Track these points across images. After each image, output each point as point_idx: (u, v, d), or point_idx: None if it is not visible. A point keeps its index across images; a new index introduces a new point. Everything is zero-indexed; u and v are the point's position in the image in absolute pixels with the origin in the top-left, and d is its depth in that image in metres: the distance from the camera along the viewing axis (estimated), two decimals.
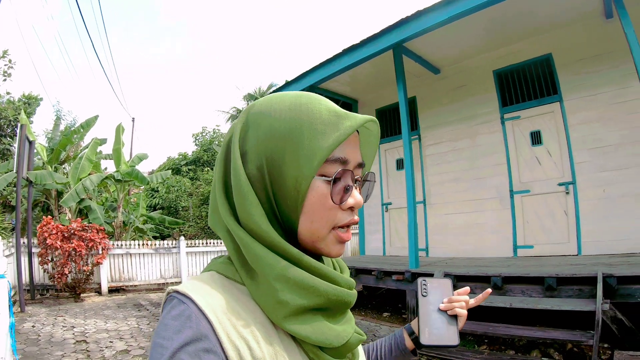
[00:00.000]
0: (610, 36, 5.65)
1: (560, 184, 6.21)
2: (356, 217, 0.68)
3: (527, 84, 6.65)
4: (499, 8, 5.36)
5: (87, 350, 5.53)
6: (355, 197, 0.65)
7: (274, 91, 8.49)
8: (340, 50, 6.73)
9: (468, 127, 7.37)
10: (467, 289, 0.98)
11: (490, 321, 5.13)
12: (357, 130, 0.69)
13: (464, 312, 0.92)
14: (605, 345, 4.50)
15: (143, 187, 14.51)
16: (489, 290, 1.06)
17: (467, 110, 7.35)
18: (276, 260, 0.59)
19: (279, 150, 0.61)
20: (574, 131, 6.11)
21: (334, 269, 0.72)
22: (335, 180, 0.62)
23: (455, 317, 0.92)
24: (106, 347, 5.68)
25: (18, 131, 8.06)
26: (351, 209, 0.66)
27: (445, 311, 0.92)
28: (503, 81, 6.95)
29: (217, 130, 25.09)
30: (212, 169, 20.65)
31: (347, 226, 0.66)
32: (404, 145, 6.35)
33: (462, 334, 4.99)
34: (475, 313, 4.48)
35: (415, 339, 0.95)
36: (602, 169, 5.85)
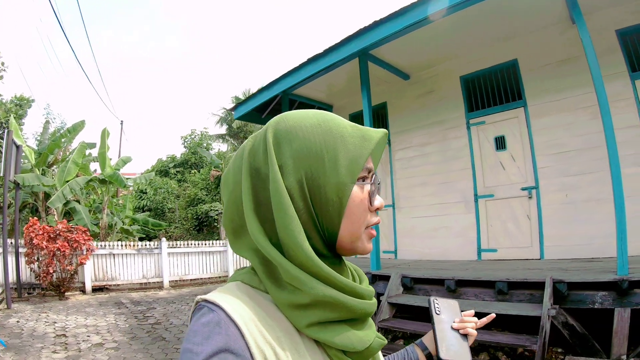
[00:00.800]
0: (575, 42, 5.60)
1: (523, 189, 6.27)
2: (379, 217, 0.75)
3: (492, 90, 6.73)
4: (460, 15, 5.38)
5: (66, 343, 5.91)
6: (379, 199, 0.73)
7: (249, 97, 8.58)
8: (305, 60, 6.82)
9: (435, 132, 7.46)
10: (472, 311, 1.06)
11: None
12: None
13: (475, 333, 1.00)
14: (559, 350, 4.56)
15: (131, 188, 14.75)
16: (493, 315, 1.16)
17: (435, 115, 7.43)
18: (310, 282, 0.62)
19: (318, 163, 0.65)
20: (538, 136, 6.17)
21: (353, 277, 0.76)
22: (370, 185, 0.71)
23: (466, 335, 0.99)
24: (83, 341, 6.07)
25: (5, 137, 8.26)
26: (375, 209, 0.73)
27: (457, 330, 0.99)
28: (470, 87, 7.03)
29: (205, 133, 25.20)
30: (199, 171, 20.79)
31: (374, 225, 0.73)
32: None
33: (415, 334, 5.12)
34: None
35: (429, 355, 1.04)
36: (564, 173, 5.90)
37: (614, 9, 5.50)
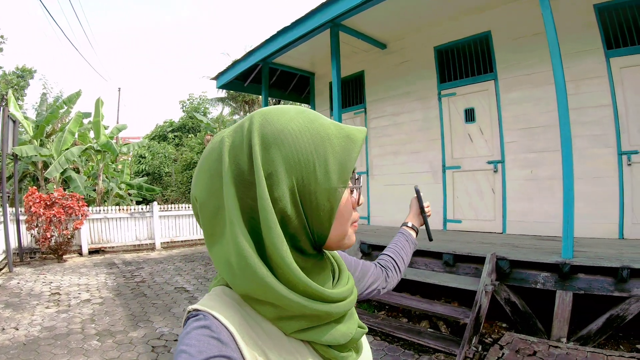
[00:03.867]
0: None
1: (489, 162, 6.31)
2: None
3: (465, 61, 6.68)
4: None
5: (58, 300, 6.50)
6: (361, 197, 0.75)
7: (229, 66, 8.62)
8: (279, 29, 6.83)
9: (408, 102, 7.49)
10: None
11: (407, 291, 5.50)
12: None
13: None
14: (504, 325, 4.73)
15: (131, 153, 15.07)
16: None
17: (408, 85, 7.45)
18: (300, 303, 0.62)
19: (309, 169, 0.64)
20: (506, 110, 6.13)
21: (333, 270, 0.80)
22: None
23: None
24: (74, 298, 6.66)
25: (1, 112, 8.54)
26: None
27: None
28: (443, 57, 6.98)
29: (203, 97, 25.24)
30: (195, 135, 20.88)
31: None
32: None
33: (363, 300, 5.40)
34: None
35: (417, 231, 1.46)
36: (530, 149, 5.88)
37: None
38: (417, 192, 1.47)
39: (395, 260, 1.29)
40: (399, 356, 4.17)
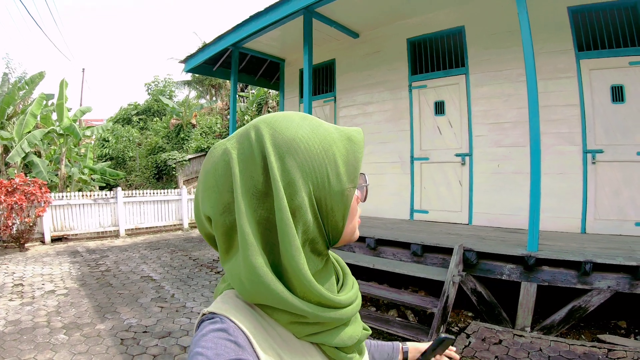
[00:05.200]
0: None
1: (457, 155, 6.43)
2: None
3: (437, 54, 6.74)
4: None
5: (22, 292, 6.23)
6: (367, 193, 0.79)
7: (198, 50, 8.42)
8: (252, 14, 6.68)
9: (379, 92, 7.52)
10: (456, 356, 1.17)
11: (374, 281, 5.57)
12: None
13: None
14: (470, 314, 4.87)
15: (94, 136, 14.56)
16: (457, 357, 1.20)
17: (380, 75, 7.47)
18: (314, 313, 0.64)
19: (322, 173, 0.65)
20: (476, 105, 6.24)
21: (337, 273, 0.81)
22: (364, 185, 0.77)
23: None
24: (37, 289, 6.40)
25: None
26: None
27: None
28: (415, 50, 7.03)
29: (169, 80, 24.65)
30: (161, 119, 20.45)
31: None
32: (301, 110, 6.45)
33: None
34: (355, 271, 4.78)
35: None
36: (498, 144, 6.02)
37: None
38: (440, 341, 1.10)
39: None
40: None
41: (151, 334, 4.59)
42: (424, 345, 1.17)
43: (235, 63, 8.10)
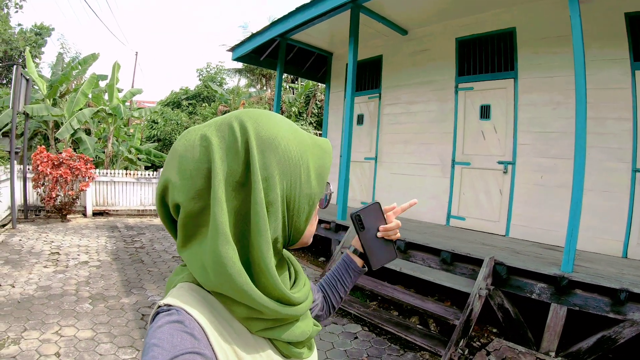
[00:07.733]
0: None
1: (500, 162, 6.16)
2: None
3: (486, 56, 6.45)
4: None
5: (57, 260, 6.59)
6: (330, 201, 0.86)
7: (245, 39, 8.51)
8: (299, 5, 6.68)
9: (424, 92, 7.31)
10: (393, 205, 1.13)
11: (401, 284, 5.47)
12: None
13: (398, 235, 1.09)
14: (494, 331, 4.68)
15: (144, 117, 15.07)
16: (415, 200, 1.15)
17: (426, 74, 7.26)
18: (272, 306, 0.65)
19: (296, 174, 0.67)
20: (523, 111, 5.94)
21: (289, 272, 0.81)
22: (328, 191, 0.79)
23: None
24: (72, 259, 6.74)
25: (14, 71, 8.52)
26: None
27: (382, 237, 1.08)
28: (464, 50, 6.77)
29: (220, 67, 24.99)
30: (210, 105, 20.75)
31: None
32: (345, 105, 6.39)
33: (357, 288, 5.35)
34: (380, 272, 4.66)
35: (362, 256, 1.16)
36: (543, 154, 5.70)
37: None
38: (352, 220, 1.08)
39: (327, 294, 1.20)
40: (384, 350, 4.16)
41: None
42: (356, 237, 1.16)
43: (282, 54, 8.15)
